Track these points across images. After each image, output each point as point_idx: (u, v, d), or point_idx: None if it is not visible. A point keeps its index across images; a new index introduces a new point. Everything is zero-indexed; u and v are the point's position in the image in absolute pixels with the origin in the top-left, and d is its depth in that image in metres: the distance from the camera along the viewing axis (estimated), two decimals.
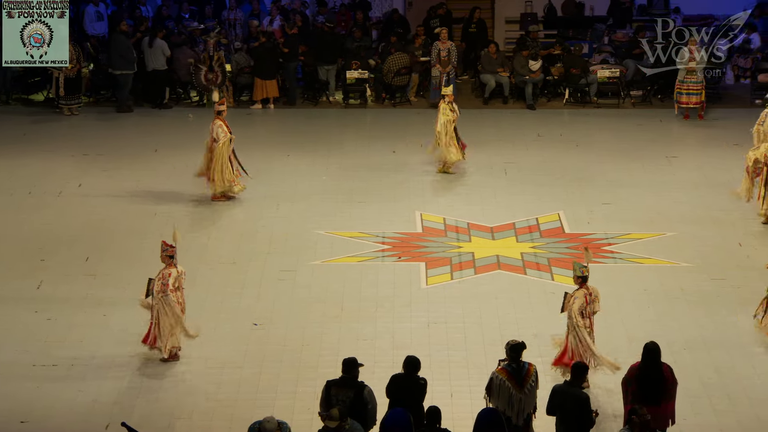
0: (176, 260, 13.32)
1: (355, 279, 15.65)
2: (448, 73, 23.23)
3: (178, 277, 13.27)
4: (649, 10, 27.24)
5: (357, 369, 11.05)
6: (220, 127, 17.77)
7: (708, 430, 11.57)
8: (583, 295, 12.61)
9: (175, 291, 13.22)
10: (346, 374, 11.03)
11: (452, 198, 18.62)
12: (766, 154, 16.61)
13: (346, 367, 11.05)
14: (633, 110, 23.57)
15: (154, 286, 13.23)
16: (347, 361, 11.08)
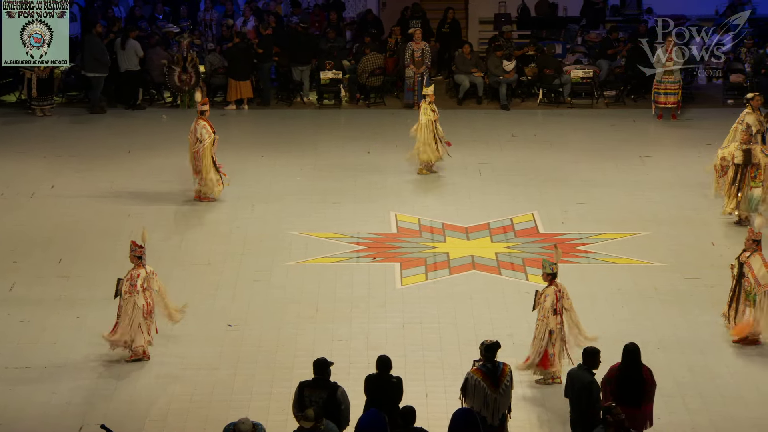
0: (145, 261, 13.26)
1: (330, 280, 15.64)
2: (422, 74, 23.27)
3: (146, 277, 13.21)
4: (622, 10, 27.36)
5: (329, 369, 11.04)
6: (204, 128, 17.73)
7: (681, 428, 11.62)
8: (553, 292, 12.65)
9: (143, 291, 13.16)
10: (318, 375, 11.02)
11: (427, 198, 18.64)
12: (733, 153, 16.69)
13: (317, 368, 11.04)
14: (606, 110, 23.66)
15: (122, 287, 13.18)
16: (318, 362, 11.07)
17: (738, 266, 13.55)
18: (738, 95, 23.93)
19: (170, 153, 20.30)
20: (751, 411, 12.42)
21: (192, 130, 17.87)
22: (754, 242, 13.52)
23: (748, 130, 16.73)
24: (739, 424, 12.17)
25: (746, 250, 13.55)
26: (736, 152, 16.65)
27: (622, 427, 10.20)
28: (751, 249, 13.50)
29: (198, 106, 18.01)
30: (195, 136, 17.78)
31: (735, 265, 13.62)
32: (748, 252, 13.51)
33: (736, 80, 23.91)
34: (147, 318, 13.26)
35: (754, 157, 16.57)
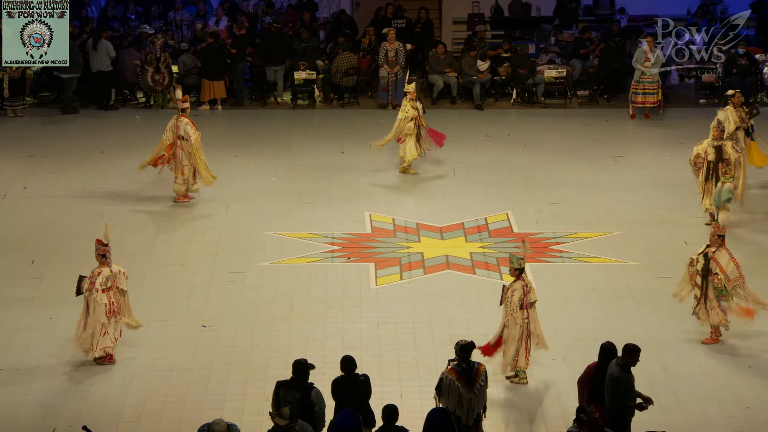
0: (110, 260, 13.17)
1: (305, 280, 15.63)
2: (396, 74, 23.29)
3: (110, 277, 13.11)
4: (594, 10, 27.46)
5: (307, 371, 11.02)
6: (188, 125, 17.70)
7: (655, 427, 11.66)
8: (521, 287, 12.69)
9: (106, 291, 13.07)
10: (295, 376, 11.01)
11: (401, 198, 18.65)
12: (706, 149, 16.79)
13: (295, 368, 11.03)
14: (580, 110, 23.73)
15: (84, 285, 13.10)
16: (297, 362, 11.07)
17: (704, 262, 13.59)
18: (710, 95, 24.08)
19: (144, 153, 20.16)
20: (724, 409, 12.50)
21: (171, 127, 17.81)
22: (719, 237, 13.60)
23: (719, 127, 16.83)
24: (712, 422, 12.23)
25: (711, 245, 13.62)
26: (708, 149, 16.76)
27: (596, 426, 10.24)
28: (716, 244, 13.58)
29: (179, 104, 17.97)
30: (176, 134, 17.71)
31: (699, 261, 13.65)
32: (713, 247, 13.58)
33: (708, 80, 24.03)
34: (110, 318, 13.14)
35: (725, 153, 16.69)
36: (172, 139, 17.77)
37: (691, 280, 13.82)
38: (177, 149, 17.79)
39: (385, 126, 21.71)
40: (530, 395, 12.74)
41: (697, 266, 13.65)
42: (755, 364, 13.34)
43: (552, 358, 13.25)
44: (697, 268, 13.66)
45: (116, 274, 13.22)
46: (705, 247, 13.69)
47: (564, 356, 13.33)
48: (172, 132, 17.77)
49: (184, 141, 17.67)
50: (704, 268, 13.57)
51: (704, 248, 13.68)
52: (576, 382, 11.54)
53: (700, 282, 13.63)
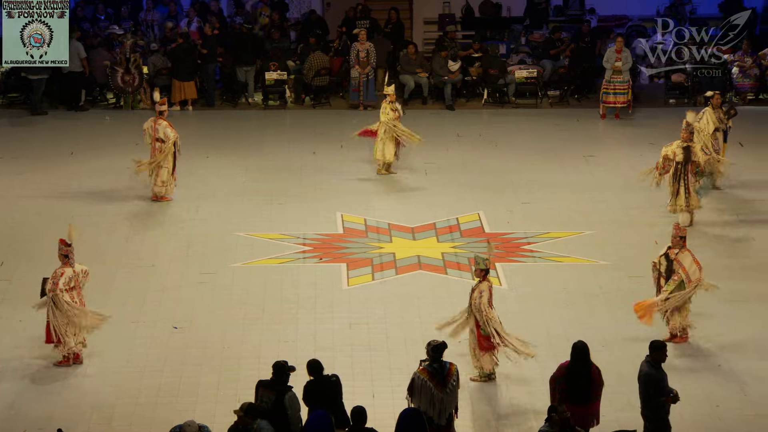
0: (72, 260, 13.10)
1: (276, 281, 15.59)
2: (368, 74, 23.29)
3: (73, 277, 13.04)
4: (565, 10, 27.54)
5: (286, 373, 10.99)
6: (167, 127, 17.68)
7: (626, 425, 11.69)
8: (487, 288, 12.71)
9: (69, 291, 12.99)
10: (274, 377, 10.98)
11: (373, 199, 18.64)
12: (674, 150, 16.88)
13: (274, 370, 11.01)
14: (551, 110, 23.80)
15: (48, 286, 13.03)
16: (276, 364, 11.04)
17: (667, 263, 13.63)
18: (680, 95, 24.21)
19: (114, 154, 20.14)
20: (695, 407, 12.55)
21: (147, 128, 17.79)
22: (681, 239, 13.66)
23: (688, 128, 16.91)
24: (684, 420, 12.28)
25: (673, 246, 13.66)
26: (677, 150, 16.85)
27: (567, 426, 10.26)
28: (678, 246, 13.63)
29: (156, 106, 17.94)
30: (154, 137, 17.67)
31: (661, 263, 13.67)
32: (676, 249, 13.62)
33: (677, 80, 24.15)
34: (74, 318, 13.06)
35: (693, 155, 16.79)
36: (151, 142, 17.76)
37: (654, 283, 13.86)
38: (155, 152, 17.78)
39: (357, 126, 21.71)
40: (502, 395, 12.77)
41: (660, 268, 13.69)
42: (725, 363, 13.41)
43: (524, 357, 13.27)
44: (660, 270, 13.70)
45: (79, 273, 13.15)
46: (666, 248, 13.73)
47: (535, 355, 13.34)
48: (150, 135, 17.76)
49: (161, 143, 17.65)
50: (667, 269, 13.62)
51: (665, 250, 13.72)
52: (548, 381, 11.56)
53: (664, 283, 13.68)
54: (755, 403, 12.54)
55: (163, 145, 17.71)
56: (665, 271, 13.66)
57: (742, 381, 13.03)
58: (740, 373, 13.15)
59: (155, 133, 17.74)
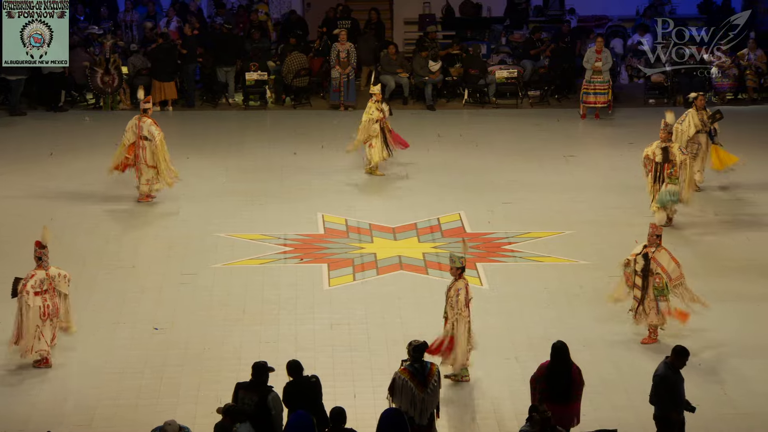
0: (46, 262, 13.03)
1: (257, 281, 15.57)
2: (348, 74, 23.29)
3: (45, 279, 12.97)
4: (545, 11, 27.60)
5: (266, 374, 10.98)
6: (152, 125, 17.64)
7: (607, 425, 11.72)
8: (464, 286, 12.72)
9: (41, 293, 12.92)
10: (255, 378, 10.97)
11: (354, 199, 18.63)
12: (654, 150, 16.93)
13: (254, 371, 10.99)
14: (531, 110, 23.85)
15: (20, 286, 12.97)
16: (256, 365, 11.03)
17: (644, 262, 13.66)
18: (659, 95, 24.30)
19: (93, 155, 20.07)
20: None
21: (131, 127, 17.75)
22: (658, 237, 13.69)
23: (666, 129, 16.96)
24: None
25: (650, 245, 13.69)
26: (656, 150, 16.90)
27: (548, 425, 10.28)
28: (654, 244, 13.66)
29: (141, 104, 17.89)
30: (138, 135, 17.62)
31: (639, 262, 13.68)
32: (652, 248, 13.66)
33: (657, 80, 24.24)
34: (44, 321, 12.98)
35: (671, 155, 16.83)
36: (134, 140, 17.69)
37: (627, 281, 13.89)
38: (139, 150, 17.70)
39: (338, 127, 21.75)
40: (483, 395, 12.78)
41: (636, 267, 13.71)
42: (704, 362, 13.46)
43: (505, 357, 13.30)
44: (635, 269, 13.72)
45: (55, 276, 13.06)
46: (643, 247, 13.75)
47: (516, 356, 13.37)
48: (134, 133, 17.71)
49: (147, 141, 17.60)
50: (644, 268, 13.64)
51: (642, 249, 13.74)
52: (529, 381, 11.58)
53: (641, 282, 13.69)
54: (735, 402, 12.59)
55: (148, 143, 17.64)
56: (641, 270, 13.67)
57: (722, 380, 13.08)
58: (720, 372, 13.20)
59: (139, 131, 17.69)
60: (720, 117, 18.44)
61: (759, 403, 12.39)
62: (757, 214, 17.93)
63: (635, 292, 13.75)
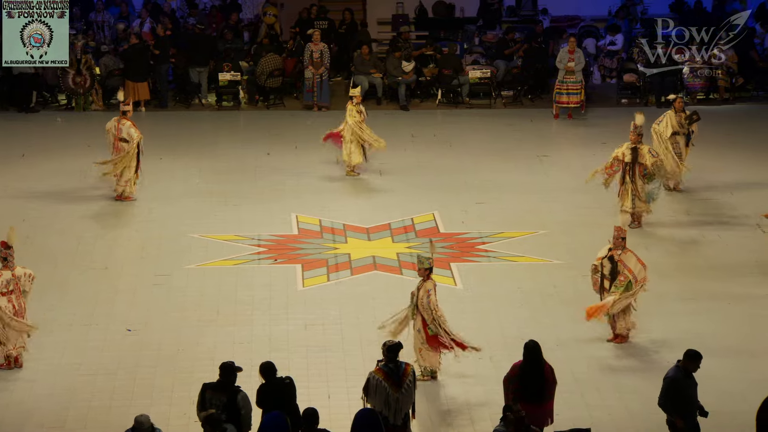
0: (12, 263, 12.95)
1: (231, 282, 15.54)
2: (322, 75, 23.27)
3: (11, 280, 12.89)
4: (517, 11, 27.67)
5: (234, 374, 10.96)
6: (131, 127, 17.62)
7: (580, 423, 11.77)
8: (433, 286, 12.74)
9: (7, 294, 12.85)
10: (222, 378, 10.94)
11: (328, 199, 18.62)
12: (624, 152, 16.99)
13: (222, 371, 10.97)
14: (504, 110, 23.90)
15: None
16: (224, 365, 11.01)
17: (611, 265, 13.65)
18: (632, 95, 24.41)
19: (65, 156, 19.99)
20: (646, 404, 12.63)
21: (110, 128, 17.75)
22: (623, 240, 13.70)
23: (636, 130, 17.01)
24: (635, 418, 12.38)
25: (615, 248, 13.67)
26: (626, 151, 16.96)
27: (522, 424, 10.30)
28: (620, 247, 13.68)
29: (121, 106, 17.87)
30: (117, 136, 17.64)
31: (605, 265, 13.65)
32: (618, 250, 13.66)
33: (629, 80, 24.34)
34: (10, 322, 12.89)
35: (641, 157, 16.89)
36: (113, 141, 17.67)
37: (594, 286, 13.89)
38: (118, 152, 17.71)
39: (311, 128, 21.69)
40: (457, 395, 12.80)
41: (604, 270, 13.72)
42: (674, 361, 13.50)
43: (479, 357, 13.32)
44: (603, 273, 13.73)
45: (21, 276, 13.00)
46: (608, 250, 13.76)
47: (490, 355, 13.40)
48: (113, 134, 17.69)
49: (125, 143, 17.59)
50: (612, 271, 13.66)
51: (608, 252, 13.75)
52: (502, 381, 11.60)
53: (608, 285, 13.71)
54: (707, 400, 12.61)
55: (126, 144, 17.64)
56: (609, 273, 13.68)
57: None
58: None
59: (118, 133, 17.72)
60: (697, 119, 18.48)
61: (729, 401, 12.45)
62: (729, 214, 18.01)
63: (603, 296, 13.75)
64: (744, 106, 24.19)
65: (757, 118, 23.43)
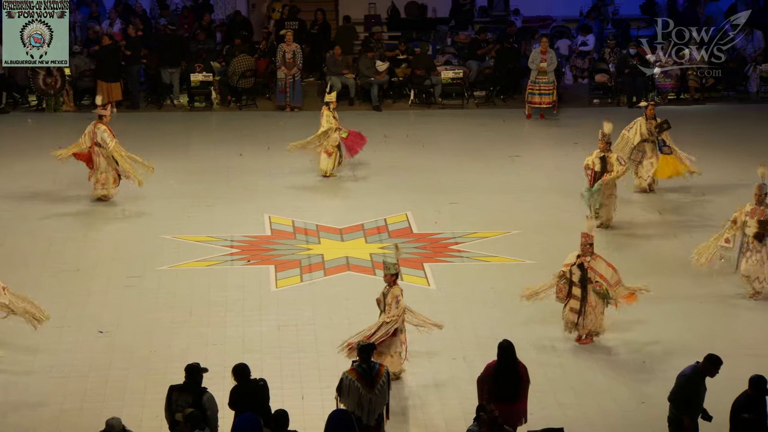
0: None
1: (204, 283, 15.50)
2: (294, 75, 23.24)
3: None
4: (489, 11, 27.73)
5: (200, 375, 10.93)
6: (106, 132, 17.58)
7: (554, 423, 11.79)
8: (400, 292, 12.72)
9: None
10: (188, 380, 10.92)
11: (301, 200, 18.59)
12: (593, 160, 17.04)
13: (188, 372, 10.95)
14: (477, 110, 23.94)
15: None
16: (189, 366, 10.98)
17: (581, 272, 13.66)
18: (603, 95, 24.51)
19: (36, 157, 19.87)
20: (620, 404, 12.71)
21: (88, 133, 17.73)
22: (590, 246, 13.67)
23: (604, 138, 17.04)
24: (609, 417, 12.43)
25: (584, 255, 13.65)
26: (595, 159, 17.01)
27: (495, 424, 10.32)
28: (588, 253, 13.67)
29: (98, 110, 17.80)
30: (93, 140, 17.59)
31: (575, 272, 13.65)
32: (587, 256, 13.66)
33: (601, 80, 24.45)
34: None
35: (609, 165, 16.93)
36: (90, 145, 17.62)
37: (559, 293, 13.86)
38: (94, 156, 17.63)
39: (284, 128, 21.67)
40: (431, 395, 12.81)
41: (574, 278, 13.72)
42: (649, 360, 13.58)
43: (452, 357, 13.34)
44: (573, 280, 13.73)
45: None
46: (576, 257, 13.77)
47: (464, 355, 13.42)
48: (90, 138, 17.67)
49: (101, 148, 17.53)
50: (582, 278, 13.66)
51: (576, 259, 13.76)
52: (476, 381, 11.61)
53: (579, 293, 13.72)
54: None
55: (102, 149, 17.58)
56: (579, 281, 13.67)
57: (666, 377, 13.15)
58: (664, 369, 13.30)
59: (94, 137, 17.64)
60: (667, 127, 18.51)
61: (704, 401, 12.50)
62: (701, 214, 18.11)
63: (572, 303, 13.76)
64: (714, 106, 24.33)
65: (728, 118, 23.58)
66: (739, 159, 20.09)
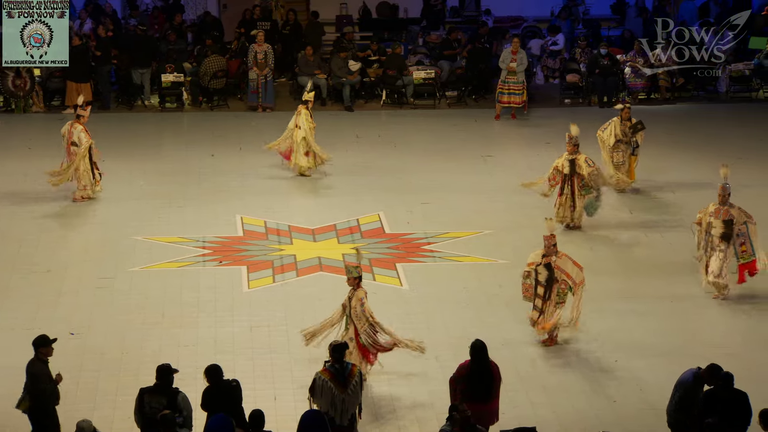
0: None
1: (176, 284, 15.45)
2: (266, 76, 23.20)
3: None
4: (461, 11, 27.78)
5: (171, 375, 10.91)
6: (82, 132, 17.54)
7: (525, 422, 11.82)
8: (365, 294, 12.72)
9: None
10: (160, 381, 10.88)
11: (273, 201, 18.56)
12: (563, 163, 17.09)
13: (159, 374, 10.92)
14: (449, 111, 23.97)
15: None
16: (161, 368, 10.95)
17: (548, 272, 13.69)
18: (574, 95, 24.59)
19: (6, 159, 19.77)
20: (592, 403, 12.75)
21: (65, 132, 17.72)
22: (554, 246, 13.72)
23: (572, 141, 17.08)
24: (581, 416, 12.46)
25: (548, 255, 13.67)
26: (564, 162, 17.06)
27: (467, 423, 10.34)
28: (553, 253, 13.73)
29: (78, 110, 17.78)
30: (69, 140, 17.62)
31: (541, 272, 13.66)
32: (552, 256, 13.69)
33: (572, 80, 24.52)
34: None
35: (578, 167, 16.99)
36: (66, 146, 17.59)
37: (525, 292, 13.92)
38: (70, 156, 17.59)
39: (256, 129, 21.63)
40: (404, 395, 12.81)
41: (540, 278, 13.75)
42: (620, 359, 13.63)
43: (425, 357, 13.34)
44: (539, 280, 13.76)
45: None
46: (542, 258, 13.79)
47: (436, 355, 13.42)
48: (66, 138, 17.63)
49: (75, 147, 17.50)
50: (549, 278, 13.69)
51: (541, 259, 13.78)
52: (448, 381, 11.63)
53: (543, 292, 13.75)
54: (651, 397, 12.76)
55: (76, 148, 17.54)
56: (545, 281, 13.69)
57: (638, 377, 13.27)
58: (636, 369, 13.38)
59: (70, 136, 17.63)
60: (641, 128, 18.59)
61: None
62: (672, 214, 18.19)
63: (536, 302, 13.80)
64: (685, 105, 24.45)
65: (698, 117, 23.71)
66: (709, 159, 20.16)
